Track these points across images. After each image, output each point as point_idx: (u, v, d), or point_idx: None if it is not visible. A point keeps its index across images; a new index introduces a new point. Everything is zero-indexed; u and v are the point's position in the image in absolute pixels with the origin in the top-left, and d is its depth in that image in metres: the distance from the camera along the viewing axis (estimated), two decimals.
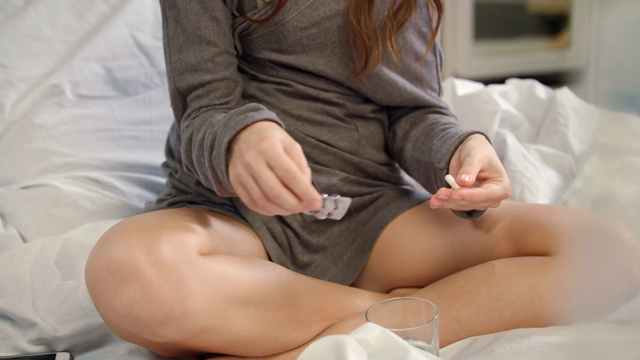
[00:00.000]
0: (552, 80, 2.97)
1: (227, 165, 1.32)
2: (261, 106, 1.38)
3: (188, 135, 1.47)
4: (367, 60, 1.57)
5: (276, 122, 1.33)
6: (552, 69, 4.00)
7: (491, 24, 4.19)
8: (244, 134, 1.30)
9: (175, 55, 1.54)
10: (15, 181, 1.94)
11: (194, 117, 1.51)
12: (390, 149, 1.70)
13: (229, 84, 1.54)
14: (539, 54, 4.10)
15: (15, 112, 2.00)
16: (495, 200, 1.40)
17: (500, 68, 3.91)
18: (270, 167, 1.25)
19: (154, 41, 2.18)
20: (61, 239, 1.70)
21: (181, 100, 1.55)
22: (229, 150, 1.32)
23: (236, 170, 1.29)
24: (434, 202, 1.39)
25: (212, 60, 1.52)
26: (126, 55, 2.15)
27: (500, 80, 2.34)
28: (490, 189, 1.39)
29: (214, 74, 1.52)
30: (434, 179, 1.54)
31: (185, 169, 1.52)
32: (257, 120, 1.31)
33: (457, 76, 2.91)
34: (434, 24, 1.63)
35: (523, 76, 2.37)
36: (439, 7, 1.61)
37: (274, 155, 1.24)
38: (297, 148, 1.27)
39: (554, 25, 4.24)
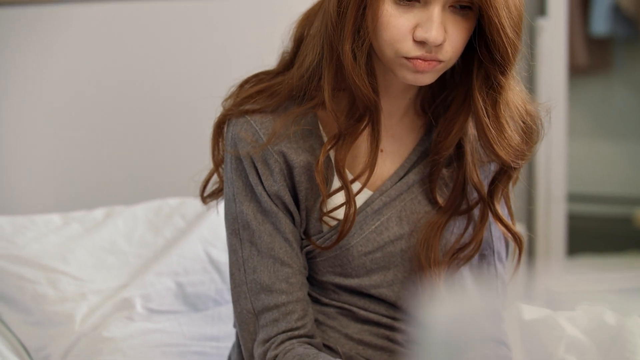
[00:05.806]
0: None
1: None
2: None
3: None
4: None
5: None
6: None
7: (588, 238, 4.14)
8: None
9: (250, 276, 1.54)
10: None
11: (280, 348, 1.51)
12: None
13: (304, 306, 1.54)
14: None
15: (85, 324, 2.03)
16: None
17: (597, 285, 3.83)
18: None
19: (227, 257, 2.21)
20: None
21: (254, 322, 1.55)
22: None
23: None
24: None
25: (286, 280, 1.53)
26: (198, 271, 2.17)
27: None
28: None
29: (290, 295, 1.52)
30: None
31: None
32: None
33: (550, 292, 2.84)
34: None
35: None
36: (519, 244, 1.60)
37: None
38: None
39: None
